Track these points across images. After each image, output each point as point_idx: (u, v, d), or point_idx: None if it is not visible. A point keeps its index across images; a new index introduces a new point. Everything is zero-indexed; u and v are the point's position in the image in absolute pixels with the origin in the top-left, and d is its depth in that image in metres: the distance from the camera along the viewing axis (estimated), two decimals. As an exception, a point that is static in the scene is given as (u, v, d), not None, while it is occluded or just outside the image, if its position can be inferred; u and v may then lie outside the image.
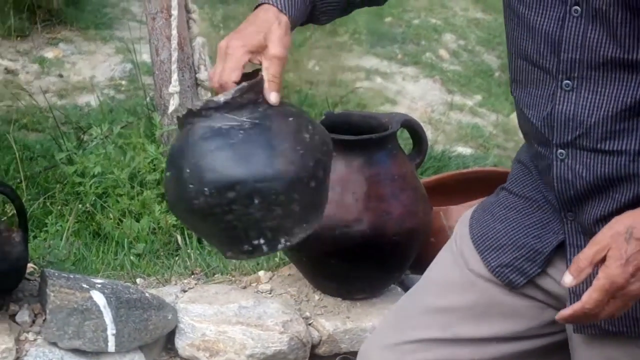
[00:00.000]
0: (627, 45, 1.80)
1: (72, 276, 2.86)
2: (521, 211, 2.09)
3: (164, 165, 3.83)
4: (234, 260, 3.19)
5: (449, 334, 2.11)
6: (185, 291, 3.06)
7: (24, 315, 2.82)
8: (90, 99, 5.34)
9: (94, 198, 3.92)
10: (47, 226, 3.79)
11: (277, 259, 3.34)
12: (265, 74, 1.94)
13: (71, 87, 5.52)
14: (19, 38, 6.00)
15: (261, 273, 3.22)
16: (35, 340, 2.76)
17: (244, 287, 3.13)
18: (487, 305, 2.08)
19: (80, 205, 3.94)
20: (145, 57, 5.89)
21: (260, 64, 1.94)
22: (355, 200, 2.82)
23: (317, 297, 3.04)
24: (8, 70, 5.64)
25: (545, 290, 2.02)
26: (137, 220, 3.87)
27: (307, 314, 2.95)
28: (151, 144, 3.94)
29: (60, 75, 5.67)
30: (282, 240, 1.96)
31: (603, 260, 1.74)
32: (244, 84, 1.87)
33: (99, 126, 4.06)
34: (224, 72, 1.91)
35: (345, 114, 3.13)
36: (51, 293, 2.71)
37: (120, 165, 3.93)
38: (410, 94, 6.56)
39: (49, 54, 5.90)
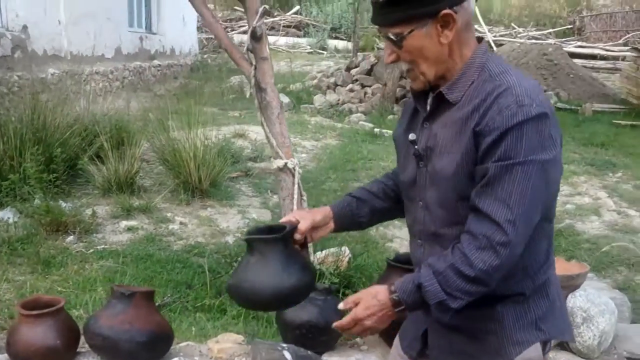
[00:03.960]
0: (438, 225, 1.84)
1: (270, 342, 2.92)
2: (414, 317, 2.04)
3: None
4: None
5: None
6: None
7: (244, 364, 2.89)
8: (228, 239, 5.42)
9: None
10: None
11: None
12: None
13: (217, 232, 5.60)
14: (185, 205, 6.10)
15: (358, 339, 3.27)
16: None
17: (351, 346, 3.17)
18: None
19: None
20: (255, 215, 6.09)
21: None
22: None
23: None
24: (181, 223, 5.73)
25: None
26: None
27: None
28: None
29: (210, 226, 5.72)
30: None
31: (356, 304, 1.78)
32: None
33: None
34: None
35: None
36: (263, 352, 2.79)
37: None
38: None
39: (203, 213, 5.98)
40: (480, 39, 1.86)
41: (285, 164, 4.05)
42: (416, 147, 1.86)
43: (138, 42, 14.28)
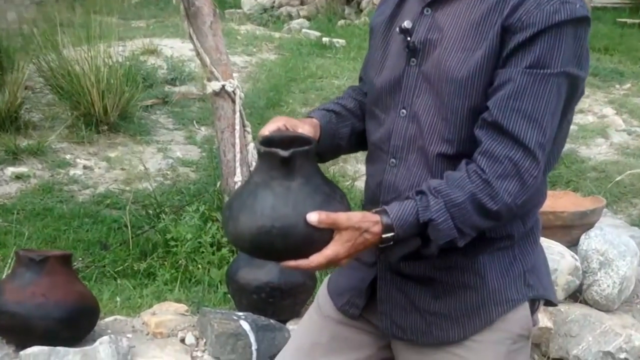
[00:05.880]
0: (431, 140, 1.78)
1: (222, 311, 2.96)
2: (354, 263, 1.94)
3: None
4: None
5: None
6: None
7: (190, 339, 2.93)
8: (146, 185, 5.39)
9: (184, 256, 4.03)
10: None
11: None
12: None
13: (133, 177, 5.58)
14: (88, 144, 6.03)
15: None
16: (202, 356, 2.86)
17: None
18: (338, 341, 2.00)
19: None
20: (179, 153, 6.08)
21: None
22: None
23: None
24: (85, 167, 5.70)
25: (370, 323, 1.96)
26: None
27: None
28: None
29: (124, 169, 5.70)
30: None
31: (333, 230, 1.63)
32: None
33: (192, 205, 4.23)
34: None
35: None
36: (215, 323, 2.83)
37: (204, 232, 4.08)
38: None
39: (112, 154, 5.94)
40: None
41: (223, 86, 4.02)
42: (409, 38, 1.81)
43: None
